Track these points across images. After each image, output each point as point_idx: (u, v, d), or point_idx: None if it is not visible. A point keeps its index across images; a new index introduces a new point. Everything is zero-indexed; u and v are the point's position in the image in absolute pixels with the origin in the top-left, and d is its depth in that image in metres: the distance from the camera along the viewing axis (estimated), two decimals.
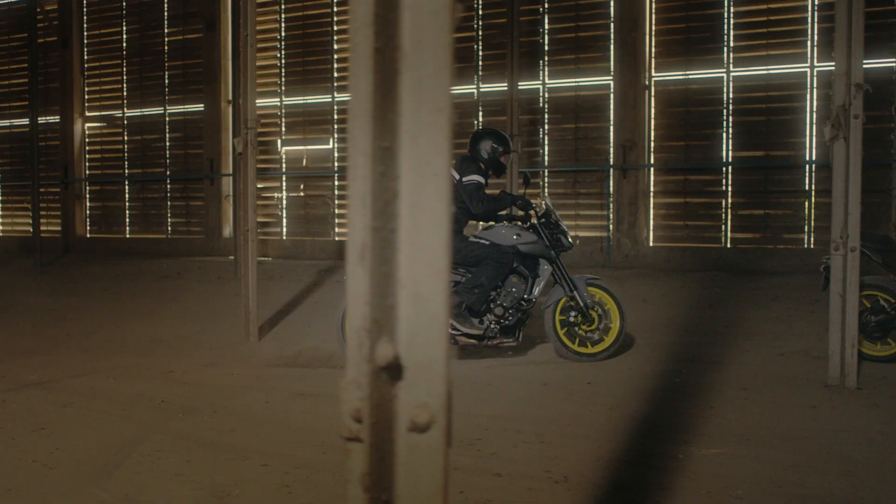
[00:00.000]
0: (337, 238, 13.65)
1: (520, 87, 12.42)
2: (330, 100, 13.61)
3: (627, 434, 4.58)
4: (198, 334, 7.94)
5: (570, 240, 6.99)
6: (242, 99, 6.88)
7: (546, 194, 7.66)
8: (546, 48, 12.36)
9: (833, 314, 5.51)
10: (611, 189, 11.90)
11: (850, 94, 5.48)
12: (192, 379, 6.20)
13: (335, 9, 13.54)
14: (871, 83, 10.55)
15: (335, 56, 13.56)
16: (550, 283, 6.97)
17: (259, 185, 14.42)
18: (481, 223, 7.71)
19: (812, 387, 5.62)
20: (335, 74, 13.57)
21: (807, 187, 11.14)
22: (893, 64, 10.74)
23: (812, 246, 11.07)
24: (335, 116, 13.60)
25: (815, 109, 11.12)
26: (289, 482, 3.79)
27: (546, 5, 12.30)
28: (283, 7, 13.88)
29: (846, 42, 5.51)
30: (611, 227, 11.91)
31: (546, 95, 12.38)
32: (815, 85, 11.08)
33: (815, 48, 11.06)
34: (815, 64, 11.07)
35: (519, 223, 7.00)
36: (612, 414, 5.02)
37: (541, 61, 12.38)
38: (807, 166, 11.13)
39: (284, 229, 14.04)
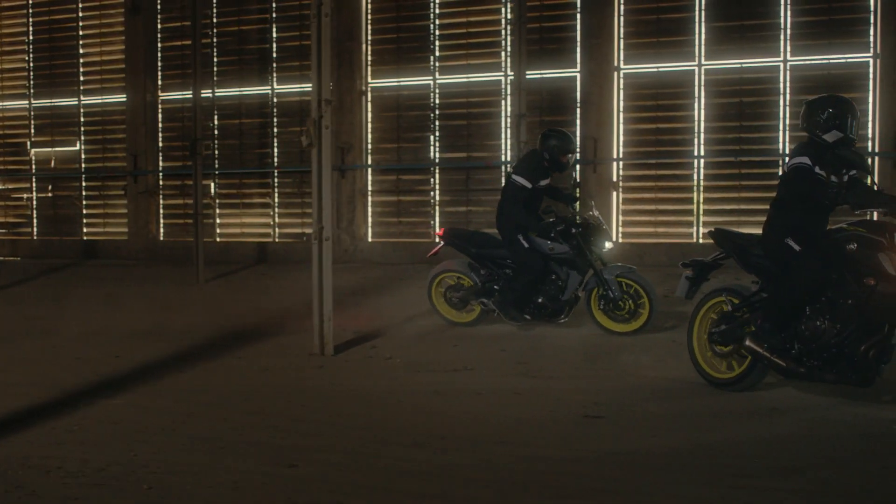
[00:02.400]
0: (85, 238, 14.38)
1: (249, 93, 13.49)
2: (76, 103, 14.34)
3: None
4: None
5: (608, 244, 8.08)
6: None
7: (592, 203, 8.73)
8: (274, 55, 13.39)
9: (315, 295, 6.75)
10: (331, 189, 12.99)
11: (321, 109, 6.65)
12: None
13: (80, 14, 14.28)
14: (554, 92, 12.03)
15: (81, 60, 14.31)
16: (576, 282, 8.00)
17: (9, 186, 15.02)
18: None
19: (299, 355, 6.82)
20: (81, 78, 14.32)
21: (503, 185, 12.45)
22: (575, 73, 12.17)
23: None
24: (82, 119, 14.35)
25: (510, 114, 12.45)
26: None
27: (274, 14, 13.33)
28: (30, 11, 14.55)
29: (317, 66, 6.70)
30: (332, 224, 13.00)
31: (275, 100, 13.40)
32: (509, 92, 12.41)
33: (509, 59, 12.39)
34: (509, 73, 12.40)
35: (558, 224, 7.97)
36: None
37: (269, 67, 13.41)
38: (503, 167, 12.45)
39: (35, 229, 14.69)
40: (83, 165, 14.39)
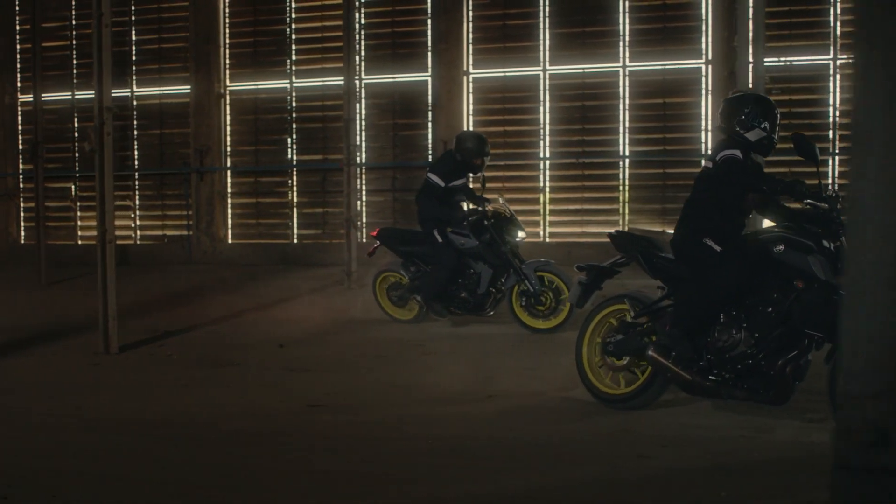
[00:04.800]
0: None
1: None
2: None
3: None
4: None
5: (520, 234, 8.37)
6: None
7: (500, 197, 8.96)
8: (134, 58, 13.65)
9: (99, 295, 7.11)
10: (191, 191, 13.31)
11: (102, 116, 7.01)
12: None
13: None
14: (407, 95, 12.47)
15: None
16: (491, 277, 8.28)
17: None
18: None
19: (86, 353, 7.21)
20: None
21: (359, 186, 12.88)
22: (427, 77, 12.65)
23: (364, 240, 12.79)
24: None
25: (364, 117, 12.89)
26: None
27: (133, 17, 13.59)
28: None
29: (98, 75, 7.06)
30: (192, 226, 13.33)
31: (135, 103, 13.66)
32: (363, 96, 12.85)
33: (363, 63, 12.82)
34: (363, 77, 12.84)
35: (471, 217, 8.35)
36: None
37: (128, 70, 13.66)
38: (356, 168, 12.88)
39: None
40: None
